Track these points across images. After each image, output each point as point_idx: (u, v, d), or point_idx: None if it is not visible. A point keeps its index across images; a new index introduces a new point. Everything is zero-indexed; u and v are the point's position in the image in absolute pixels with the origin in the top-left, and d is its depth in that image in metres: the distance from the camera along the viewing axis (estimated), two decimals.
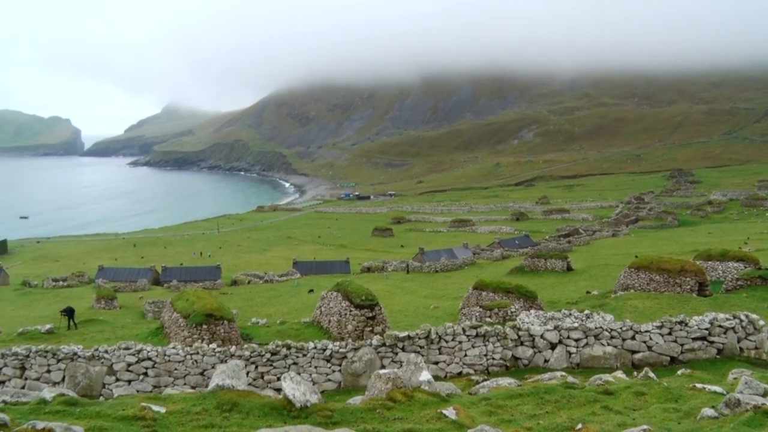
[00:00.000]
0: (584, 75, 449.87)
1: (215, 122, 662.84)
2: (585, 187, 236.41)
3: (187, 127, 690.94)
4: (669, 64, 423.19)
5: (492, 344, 20.64)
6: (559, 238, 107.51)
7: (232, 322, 28.43)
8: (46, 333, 32.53)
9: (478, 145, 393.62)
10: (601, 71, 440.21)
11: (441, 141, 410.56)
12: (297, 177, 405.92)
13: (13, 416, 8.95)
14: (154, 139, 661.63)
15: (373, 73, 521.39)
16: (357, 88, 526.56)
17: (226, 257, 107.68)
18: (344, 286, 29.25)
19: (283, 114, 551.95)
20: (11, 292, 70.94)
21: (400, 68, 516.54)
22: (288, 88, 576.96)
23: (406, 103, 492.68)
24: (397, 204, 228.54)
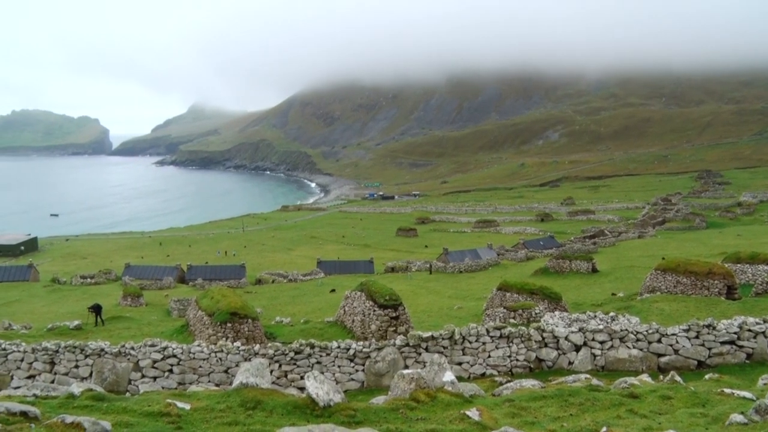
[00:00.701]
0: (611, 75, 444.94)
1: (240, 122, 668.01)
2: (611, 188, 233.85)
3: (212, 126, 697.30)
4: (698, 63, 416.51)
5: (516, 345, 20.52)
6: (584, 239, 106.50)
7: (257, 320, 28.61)
8: (74, 329, 33.06)
9: (503, 146, 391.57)
10: (628, 71, 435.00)
11: (466, 141, 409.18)
12: (321, 177, 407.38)
13: (44, 410, 9.12)
14: (180, 138, 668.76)
15: (398, 73, 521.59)
16: (382, 87, 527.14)
17: (251, 256, 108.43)
18: (368, 286, 29.28)
19: (308, 114, 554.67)
20: (41, 289, 72.22)
21: (425, 68, 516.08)
22: (313, 88, 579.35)
23: (431, 103, 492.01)
24: (421, 204, 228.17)
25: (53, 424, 7.72)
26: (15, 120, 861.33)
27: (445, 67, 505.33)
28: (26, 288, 72.96)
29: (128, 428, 9.01)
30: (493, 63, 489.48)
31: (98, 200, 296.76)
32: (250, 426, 10.00)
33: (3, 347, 22.15)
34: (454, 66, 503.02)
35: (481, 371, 20.15)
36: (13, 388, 17.38)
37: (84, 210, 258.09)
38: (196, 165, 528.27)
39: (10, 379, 21.54)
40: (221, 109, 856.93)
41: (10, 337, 27.34)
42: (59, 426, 7.71)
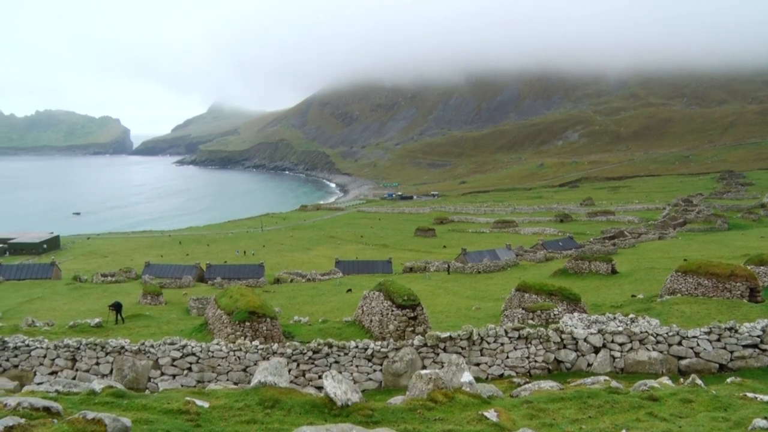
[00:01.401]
0: (631, 74, 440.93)
1: (260, 122, 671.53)
2: (631, 188, 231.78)
3: (231, 126, 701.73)
4: (721, 62, 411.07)
5: (534, 347, 20.42)
6: (603, 240, 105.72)
7: (275, 319, 28.73)
8: (95, 326, 33.42)
9: (522, 146, 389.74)
10: (649, 70, 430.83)
11: (485, 141, 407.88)
12: (340, 176, 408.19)
13: (66, 405, 9.24)
14: (200, 138, 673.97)
15: (417, 73, 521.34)
16: (401, 87, 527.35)
17: (270, 256, 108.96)
18: (386, 286, 29.28)
19: (326, 114, 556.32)
20: (63, 287, 73.15)
21: (444, 68, 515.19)
22: (332, 88, 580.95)
23: (450, 103, 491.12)
24: (439, 204, 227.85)
25: (75, 420, 7.82)
26: (38, 120, 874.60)
27: (464, 67, 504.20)
28: (48, 285, 73.94)
29: (148, 425, 9.10)
30: (512, 63, 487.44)
31: (120, 200, 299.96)
32: (268, 424, 10.05)
33: (26, 343, 22.48)
34: (473, 66, 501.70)
35: (499, 372, 20.08)
36: (36, 384, 17.64)
37: (106, 210, 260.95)
38: (215, 164, 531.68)
39: (33, 375, 21.85)
40: (240, 109, 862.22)
41: (33, 333, 27.73)
42: (81, 422, 7.81)
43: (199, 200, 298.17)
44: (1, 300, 60.47)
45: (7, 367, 22.16)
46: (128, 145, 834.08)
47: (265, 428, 9.99)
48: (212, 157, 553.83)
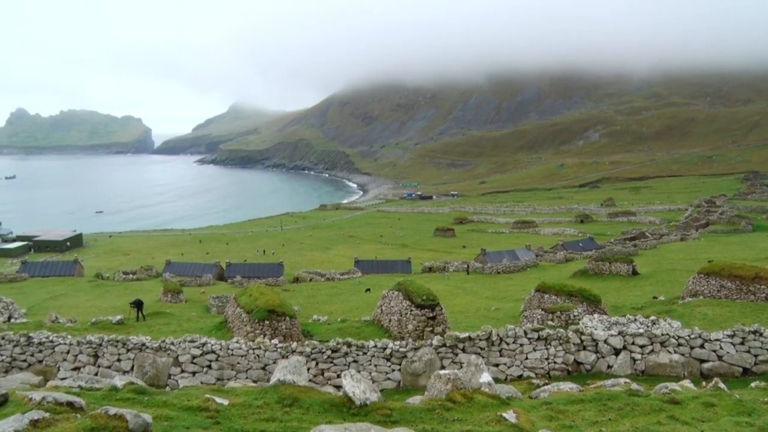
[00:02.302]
0: (653, 74, 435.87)
1: (280, 121, 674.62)
2: (652, 189, 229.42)
3: (252, 126, 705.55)
4: (746, 61, 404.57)
5: (554, 348, 20.31)
6: (624, 241, 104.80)
7: (294, 318, 28.86)
8: (116, 324, 33.82)
9: (543, 146, 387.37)
10: (672, 70, 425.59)
11: (505, 141, 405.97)
12: (360, 176, 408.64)
13: (88, 401, 9.37)
14: (220, 137, 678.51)
15: (436, 73, 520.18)
16: (421, 87, 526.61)
17: (289, 255, 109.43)
18: (405, 286, 29.28)
19: (346, 113, 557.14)
20: (86, 284, 74.10)
21: (464, 68, 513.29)
22: (352, 88, 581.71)
23: (469, 103, 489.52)
24: (459, 204, 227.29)
25: (97, 415, 7.92)
26: (63, 120, 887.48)
27: (484, 67, 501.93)
28: (71, 283, 74.94)
29: (168, 422, 9.19)
30: (533, 62, 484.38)
31: (142, 199, 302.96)
32: (287, 423, 10.10)
33: (50, 339, 22.83)
34: (493, 66, 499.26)
35: (518, 373, 19.99)
36: (60, 379, 17.92)
37: (128, 209, 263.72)
38: (235, 164, 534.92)
39: (57, 371, 22.17)
40: (261, 109, 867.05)
41: (57, 330, 28.12)
42: (103, 417, 7.91)
43: (221, 200, 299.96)
44: (27, 296, 61.41)
45: (32, 362, 22.51)
46: (150, 144, 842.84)
47: (284, 426, 10.04)
48: (232, 157, 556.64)
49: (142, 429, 8.08)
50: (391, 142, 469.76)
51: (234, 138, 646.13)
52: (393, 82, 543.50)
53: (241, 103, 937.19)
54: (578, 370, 20.06)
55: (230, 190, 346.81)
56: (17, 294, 61.05)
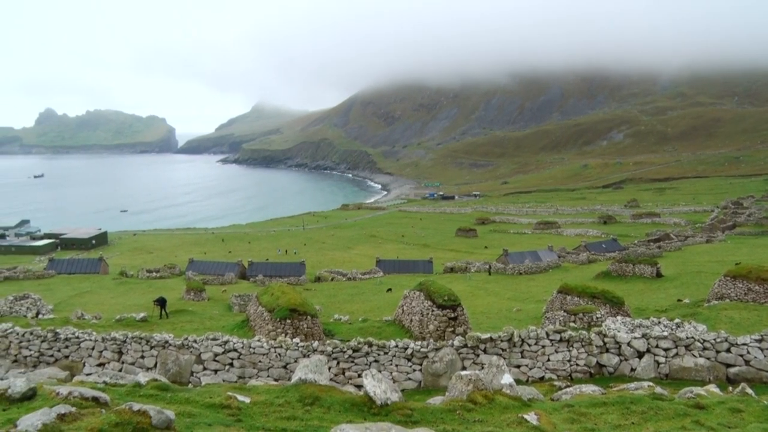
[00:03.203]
0: (679, 73, 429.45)
1: (302, 121, 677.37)
2: (677, 190, 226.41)
3: (274, 126, 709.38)
4: None
5: (576, 350, 20.16)
6: (648, 242, 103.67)
7: (315, 317, 28.96)
8: (140, 321, 34.22)
9: (565, 146, 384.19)
10: (698, 69, 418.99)
11: (527, 141, 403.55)
12: (382, 176, 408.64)
13: (113, 396, 9.51)
14: (243, 137, 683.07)
15: (459, 73, 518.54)
16: (443, 87, 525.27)
17: (311, 254, 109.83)
18: (427, 286, 29.25)
19: (368, 113, 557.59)
20: (110, 281, 75.08)
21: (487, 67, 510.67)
22: (374, 88, 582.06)
23: (492, 103, 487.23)
24: (481, 205, 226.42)
25: (122, 411, 8.04)
26: (89, 120, 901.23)
27: (507, 67, 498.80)
28: (97, 280, 76.00)
29: (191, 418, 9.29)
30: (556, 62, 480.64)
31: (166, 199, 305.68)
32: (307, 421, 10.15)
33: (76, 335, 23.18)
34: (516, 65, 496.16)
35: (540, 375, 19.87)
36: (86, 375, 18.21)
37: (152, 209, 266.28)
38: (258, 163, 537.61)
39: (83, 366, 22.51)
40: (283, 109, 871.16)
41: (83, 326, 28.53)
42: (127, 413, 8.03)
43: (245, 200, 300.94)
44: (54, 293, 62.40)
45: (59, 357, 22.89)
46: (174, 143, 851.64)
47: (305, 425, 10.09)
48: (255, 156, 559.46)
49: (165, 425, 8.18)
50: (413, 142, 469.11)
51: (257, 138, 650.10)
52: (415, 82, 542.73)
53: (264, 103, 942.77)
54: (601, 372, 19.89)
55: (253, 191, 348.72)
56: (44, 290, 62.08)
